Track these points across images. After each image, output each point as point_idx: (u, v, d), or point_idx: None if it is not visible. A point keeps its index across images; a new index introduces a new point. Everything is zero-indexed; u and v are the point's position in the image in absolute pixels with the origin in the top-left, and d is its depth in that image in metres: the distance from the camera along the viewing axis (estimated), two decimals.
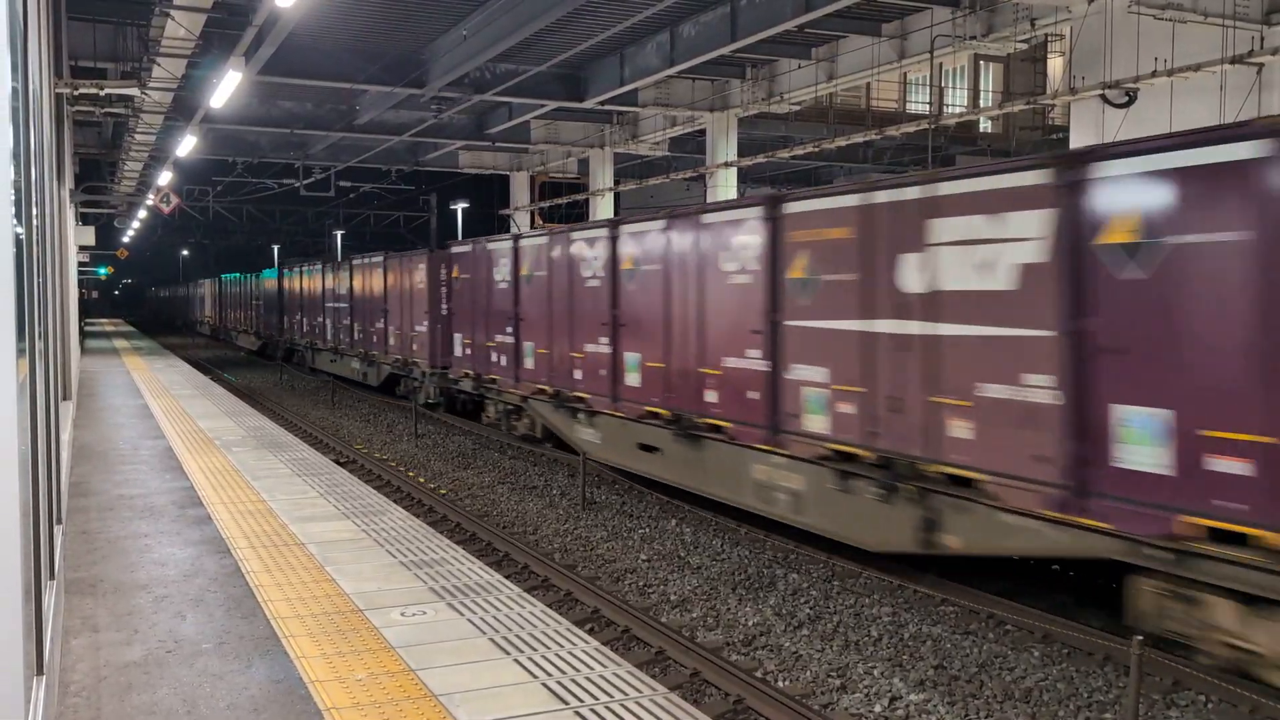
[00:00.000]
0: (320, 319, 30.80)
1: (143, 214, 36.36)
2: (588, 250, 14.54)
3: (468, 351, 19.31)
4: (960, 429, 8.40)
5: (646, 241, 13.06)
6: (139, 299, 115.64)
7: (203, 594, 6.34)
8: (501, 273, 17.74)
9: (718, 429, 11.45)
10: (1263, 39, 14.19)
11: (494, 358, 18.00)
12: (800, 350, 10.25)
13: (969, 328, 8.33)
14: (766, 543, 11.17)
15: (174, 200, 28.02)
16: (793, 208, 10.40)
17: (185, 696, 4.77)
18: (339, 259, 29.20)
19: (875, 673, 7.57)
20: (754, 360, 10.90)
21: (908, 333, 8.91)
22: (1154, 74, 13.64)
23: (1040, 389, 7.73)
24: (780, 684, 7.40)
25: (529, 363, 16.52)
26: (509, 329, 17.29)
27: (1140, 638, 6.22)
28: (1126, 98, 14.15)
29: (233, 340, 50.12)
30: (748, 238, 11.02)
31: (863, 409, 9.42)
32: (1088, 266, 7.37)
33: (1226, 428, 6.56)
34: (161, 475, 10.48)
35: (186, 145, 20.50)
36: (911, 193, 8.91)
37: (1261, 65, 13.56)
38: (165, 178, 25.80)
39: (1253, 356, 6.41)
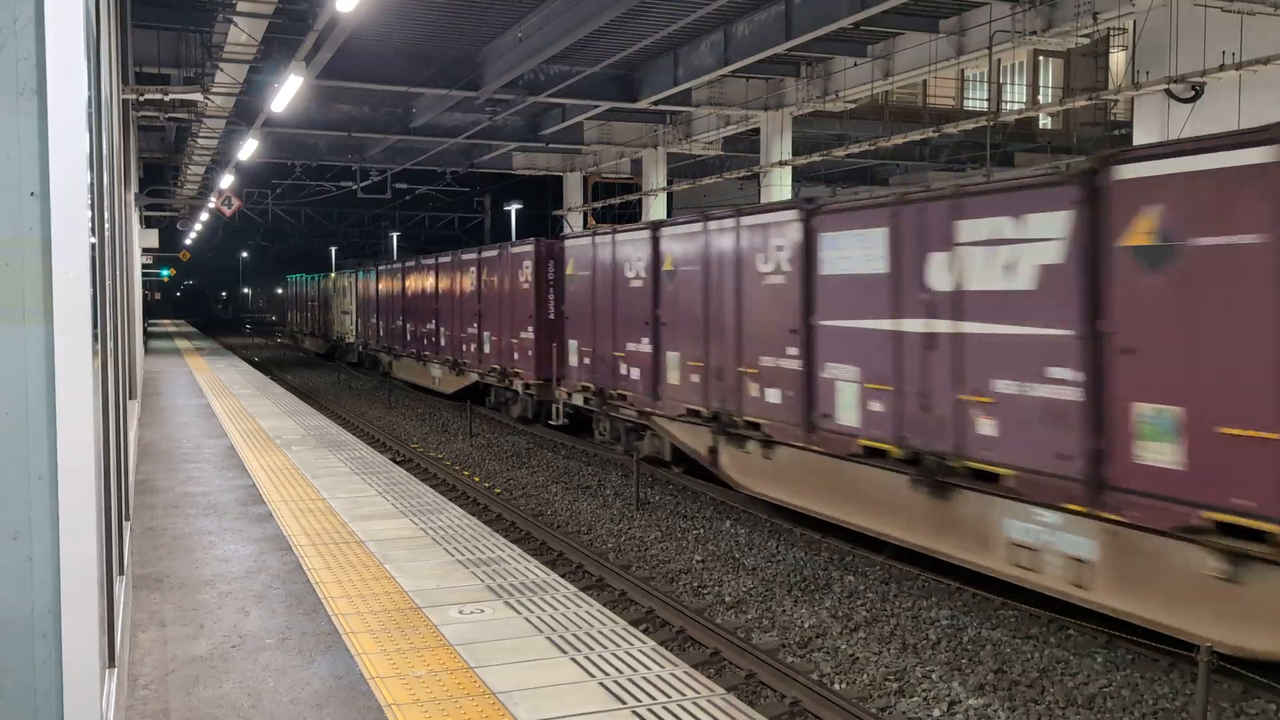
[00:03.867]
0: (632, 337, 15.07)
1: (204, 217, 37.07)
2: None
3: None
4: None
5: None
6: (200, 300, 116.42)
7: (265, 590, 6.45)
8: None
9: None
10: None
11: None
12: None
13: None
14: (822, 544, 11.09)
15: (235, 203, 28.51)
16: None
17: (250, 690, 4.86)
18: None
19: (934, 676, 7.48)
20: None
21: None
22: (1221, 68, 13.33)
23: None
24: (837, 686, 7.35)
25: None
26: None
27: (1209, 644, 6.08)
28: (1192, 92, 13.85)
29: (384, 368, 32.19)
30: None
31: None
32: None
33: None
34: (224, 473, 10.67)
35: (248, 149, 20.85)
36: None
37: None
38: (226, 181, 26.29)
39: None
